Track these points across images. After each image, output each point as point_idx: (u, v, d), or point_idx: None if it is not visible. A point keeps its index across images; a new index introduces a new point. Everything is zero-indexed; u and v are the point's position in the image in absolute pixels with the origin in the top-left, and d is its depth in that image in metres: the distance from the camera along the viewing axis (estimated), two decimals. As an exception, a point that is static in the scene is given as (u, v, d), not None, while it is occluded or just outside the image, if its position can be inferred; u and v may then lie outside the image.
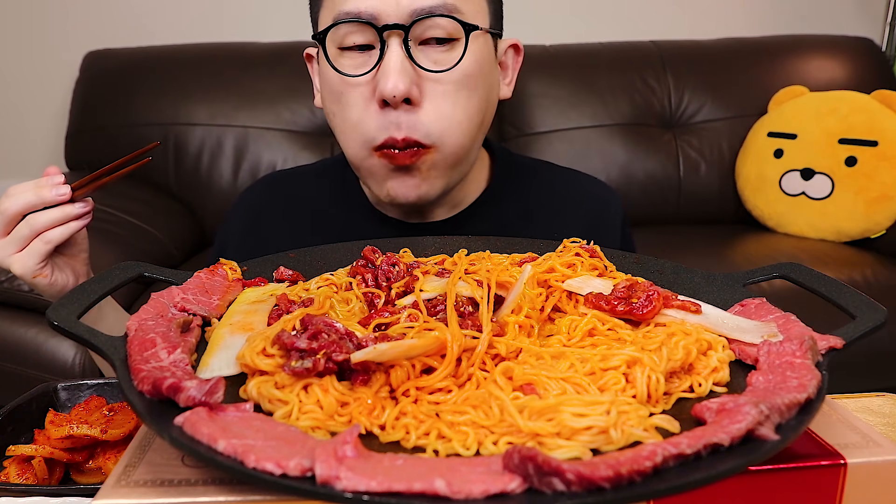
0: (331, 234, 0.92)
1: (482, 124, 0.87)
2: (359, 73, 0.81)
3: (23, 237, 0.77)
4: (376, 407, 0.49)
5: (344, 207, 0.98)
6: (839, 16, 2.66)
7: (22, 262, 0.78)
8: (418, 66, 0.80)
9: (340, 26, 0.81)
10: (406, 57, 0.79)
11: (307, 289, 0.67)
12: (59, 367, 1.60)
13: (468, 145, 0.86)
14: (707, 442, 0.42)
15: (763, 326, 0.58)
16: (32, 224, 0.77)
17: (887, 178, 2.06)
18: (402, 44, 0.79)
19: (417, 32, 0.80)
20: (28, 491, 0.61)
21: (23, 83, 2.44)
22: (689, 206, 2.31)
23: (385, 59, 0.79)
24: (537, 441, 0.45)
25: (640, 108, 2.31)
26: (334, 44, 0.83)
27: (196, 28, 2.42)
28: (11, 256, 0.78)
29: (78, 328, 0.54)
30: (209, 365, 0.54)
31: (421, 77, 0.81)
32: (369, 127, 0.82)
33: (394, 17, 0.79)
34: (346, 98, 0.83)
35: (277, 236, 0.98)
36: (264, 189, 1.04)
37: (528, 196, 1.00)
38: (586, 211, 1.00)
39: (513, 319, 0.58)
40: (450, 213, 0.96)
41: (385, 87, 0.78)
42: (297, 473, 0.40)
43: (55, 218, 0.77)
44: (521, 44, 0.93)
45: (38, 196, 0.76)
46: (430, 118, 0.81)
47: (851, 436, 0.51)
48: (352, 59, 0.82)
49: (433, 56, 0.81)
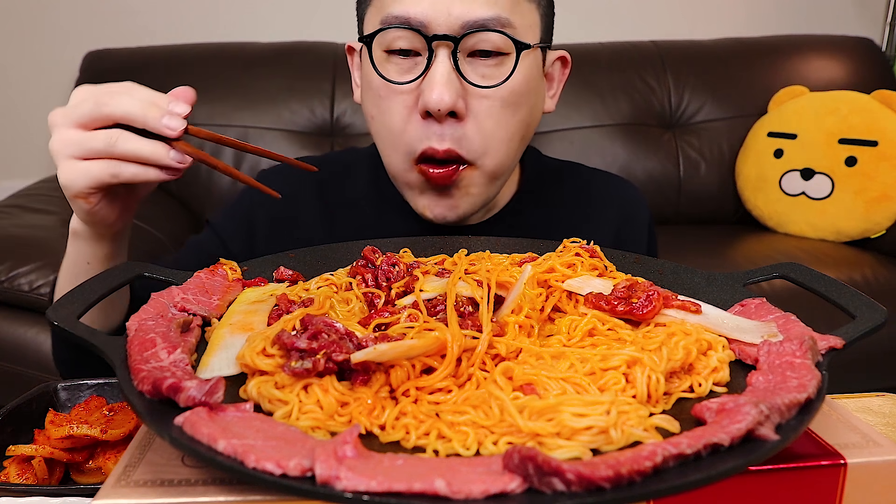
0: (363, 227, 0.91)
1: (523, 140, 0.86)
2: (404, 80, 0.79)
3: (94, 149, 0.64)
4: (376, 407, 0.49)
5: (377, 202, 0.96)
6: (839, 16, 2.66)
7: (73, 175, 0.65)
8: (465, 79, 0.78)
9: (389, 30, 0.78)
10: (453, 69, 0.77)
11: (307, 289, 0.67)
12: (59, 367, 1.60)
13: (508, 163, 0.84)
14: (707, 442, 0.42)
15: (763, 326, 0.58)
16: (115, 144, 0.63)
17: (887, 178, 2.06)
18: (451, 55, 0.77)
19: (467, 45, 0.78)
20: (28, 491, 0.61)
21: (23, 83, 2.45)
22: (689, 206, 2.31)
23: (432, 69, 0.77)
24: (537, 441, 0.45)
25: (640, 108, 2.31)
26: (380, 46, 0.80)
27: (196, 28, 2.42)
28: (68, 159, 0.64)
29: (78, 328, 0.54)
30: (209, 365, 0.54)
31: (467, 90, 0.79)
32: (411, 137, 0.80)
33: (444, 27, 0.76)
34: (387, 104, 0.81)
35: (312, 225, 0.95)
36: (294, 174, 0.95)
37: (559, 199, 0.99)
38: (616, 214, 0.99)
39: (513, 319, 0.58)
40: (482, 217, 0.94)
41: (430, 98, 0.76)
42: (297, 473, 0.40)
43: (143, 153, 0.64)
44: (569, 56, 0.91)
45: (144, 113, 0.63)
46: (473, 134, 0.79)
47: (851, 436, 0.51)
48: (397, 63, 0.80)
49: (481, 70, 0.79)
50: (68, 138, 0.64)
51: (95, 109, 0.63)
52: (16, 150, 2.50)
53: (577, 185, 1.01)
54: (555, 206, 0.98)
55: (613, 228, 0.97)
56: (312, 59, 2.25)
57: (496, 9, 0.77)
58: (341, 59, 2.25)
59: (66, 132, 0.64)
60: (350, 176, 0.99)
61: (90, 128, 0.64)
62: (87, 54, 2.27)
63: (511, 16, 0.78)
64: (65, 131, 0.64)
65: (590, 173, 1.04)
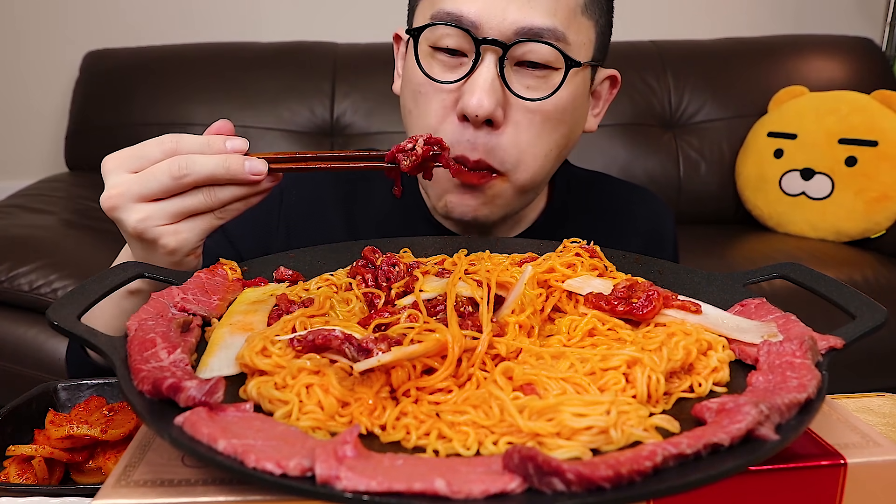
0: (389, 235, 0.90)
1: (559, 157, 0.84)
2: (446, 79, 0.77)
3: (189, 209, 0.64)
4: (377, 407, 0.49)
5: (402, 211, 0.93)
6: (839, 16, 2.66)
7: (181, 238, 0.65)
8: (509, 88, 0.75)
9: (438, 26, 0.76)
10: (498, 76, 0.75)
11: (307, 289, 0.67)
12: (59, 367, 1.60)
13: (540, 179, 0.82)
14: (707, 442, 0.42)
15: (763, 326, 0.58)
16: (211, 198, 0.63)
17: (887, 178, 2.06)
18: (498, 62, 0.74)
19: (516, 53, 0.75)
20: (28, 491, 0.61)
21: (23, 83, 2.45)
22: (689, 206, 2.31)
23: (476, 73, 0.75)
24: (537, 441, 0.45)
25: (640, 108, 2.31)
26: (427, 41, 0.78)
27: (196, 28, 2.43)
28: (163, 227, 0.64)
29: (78, 328, 0.53)
30: (209, 365, 0.54)
31: (508, 100, 0.76)
32: (444, 136, 0.77)
33: (496, 31, 0.74)
34: (426, 100, 0.79)
35: (337, 233, 0.93)
36: (319, 185, 0.97)
37: (589, 213, 0.97)
38: (644, 228, 0.98)
39: (513, 319, 0.58)
40: (510, 231, 0.93)
41: (469, 102, 0.74)
42: (297, 473, 0.40)
43: (239, 194, 0.64)
44: (619, 76, 0.89)
45: (227, 169, 0.63)
46: (508, 145, 0.77)
47: (851, 436, 0.51)
48: (442, 61, 0.78)
49: (527, 81, 0.76)
50: (152, 212, 0.63)
51: (173, 182, 0.62)
52: (16, 150, 2.50)
53: (606, 198, 1.00)
54: (584, 221, 0.96)
55: (641, 242, 0.96)
56: (312, 59, 2.25)
57: (554, 20, 0.74)
58: (341, 59, 2.25)
59: (143, 207, 0.64)
60: (375, 190, 0.96)
61: (177, 193, 0.64)
62: (87, 54, 2.28)
63: (567, 30, 0.75)
64: (141, 207, 0.64)
65: (618, 185, 1.03)
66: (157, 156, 0.64)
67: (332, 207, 0.96)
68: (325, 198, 0.96)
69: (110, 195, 0.64)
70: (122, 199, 0.64)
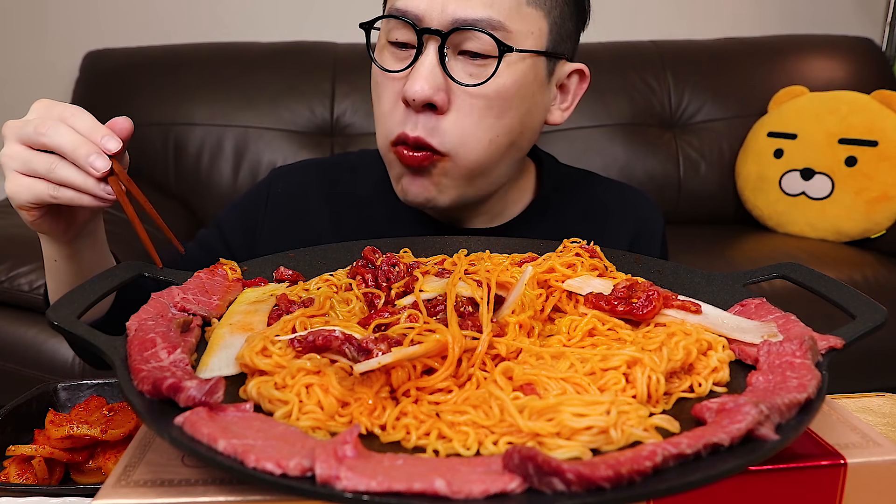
0: (373, 228, 0.92)
1: (512, 145, 0.85)
2: (394, 69, 0.82)
3: (36, 170, 0.67)
4: (377, 407, 0.49)
5: (386, 203, 0.96)
6: (839, 16, 2.66)
7: (17, 189, 0.68)
8: (449, 75, 0.79)
9: (390, 21, 0.82)
10: (439, 64, 0.79)
11: (307, 289, 0.67)
12: (59, 367, 1.60)
13: (487, 164, 0.84)
14: (707, 442, 0.42)
15: (763, 326, 0.58)
16: (54, 170, 0.66)
17: (887, 178, 2.06)
18: (438, 50, 0.79)
19: (455, 41, 0.79)
20: (28, 491, 0.61)
21: (23, 83, 2.44)
22: (689, 206, 2.31)
23: (418, 61, 0.79)
24: (537, 441, 0.45)
25: (640, 108, 2.31)
26: (384, 35, 0.84)
27: (196, 28, 2.42)
28: (13, 172, 0.68)
29: (78, 328, 0.54)
30: (208, 365, 0.54)
31: (451, 87, 0.80)
32: (391, 121, 0.83)
33: (436, 22, 0.78)
34: (381, 90, 0.84)
35: (320, 224, 0.97)
36: (306, 173, 1.02)
37: (574, 209, 0.99)
38: (631, 227, 0.99)
39: (513, 319, 0.58)
40: (491, 223, 0.95)
41: (409, 88, 0.78)
42: (297, 473, 0.40)
43: (77, 183, 0.67)
44: (587, 70, 0.91)
45: (74, 150, 0.65)
46: (450, 127, 0.80)
47: (851, 436, 0.51)
48: (394, 52, 0.83)
49: (468, 69, 0.80)
50: (15, 153, 0.67)
51: (34, 136, 0.66)
52: (16, 150, 2.50)
53: (593, 196, 1.01)
54: (569, 217, 0.98)
55: (628, 241, 0.97)
56: (312, 59, 2.25)
57: (490, 11, 0.78)
58: (341, 59, 2.25)
59: (13, 146, 0.68)
60: (360, 177, 1.00)
61: (34, 148, 0.67)
62: (87, 54, 2.27)
63: (507, 20, 0.78)
64: (13, 145, 0.68)
65: (606, 184, 1.04)
66: (54, 115, 0.67)
67: (316, 195, 0.99)
68: (310, 187, 1.00)
69: (9, 123, 0.69)
70: (8, 129, 0.68)
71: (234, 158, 2.17)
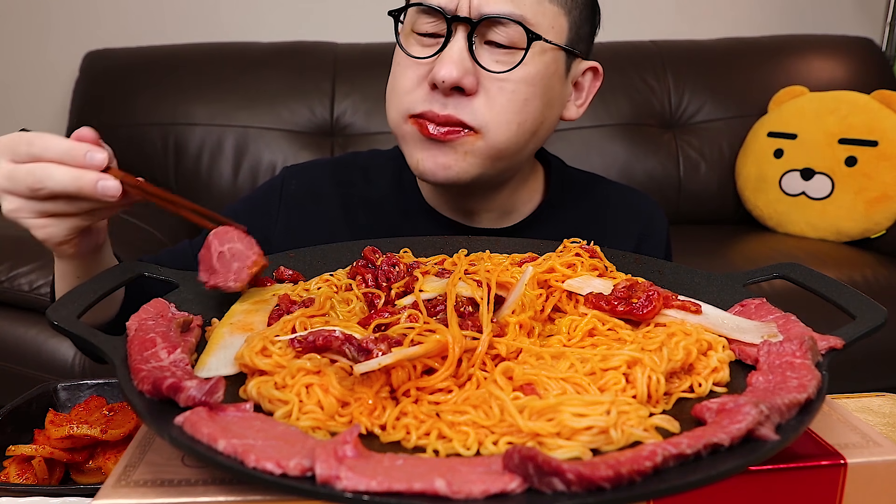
0: (387, 227, 0.93)
1: (535, 134, 0.87)
2: (422, 55, 0.83)
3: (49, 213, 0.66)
4: (377, 407, 0.49)
5: (399, 203, 0.98)
6: (839, 16, 2.66)
7: (48, 231, 0.67)
8: (477, 62, 0.81)
9: (418, 12, 0.83)
10: (467, 49, 0.81)
11: (307, 289, 0.67)
12: (59, 367, 1.60)
13: (514, 145, 0.85)
14: (707, 442, 0.42)
15: (763, 326, 0.58)
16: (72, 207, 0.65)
17: (887, 178, 2.06)
18: (467, 38, 0.81)
19: (482, 31, 0.81)
20: (28, 491, 0.61)
21: (23, 83, 2.44)
22: (689, 206, 2.31)
23: (448, 47, 0.81)
24: (537, 441, 0.45)
25: (640, 108, 2.31)
26: (409, 25, 0.85)
27: (196, 28, 2.42)
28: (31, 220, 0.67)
29: (78, 328, 0.54)
30: (207, 364, 0.54)
31: (479, 73, 0.82)
32: (414, 98, 0.83)
33: (464, 12, 0.80)
34: (402, 69, 0.85)
35: (334, 223, 0.97)
36: (318, 172, 1.02)
37: (582, 212, 1.00)
38: (636, 229, 1.01)
39: (513, 320, 0.58)
40: (501, 222, 0.96)
41: (439, 71, 0.80)
42: (297, 473, 0.40)
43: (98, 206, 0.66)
44: (601, 68, 0.93)
45: (79, 190, 0.63)
46: (481, 106, 0.82)
47: (851, 436, 0.51)
48: (420, 41, 0.84)
49: (496, 56, 0.82)
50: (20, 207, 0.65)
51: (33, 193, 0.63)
52: (16, 150, 2.50)
53: (599, 199, 1.02)
54: (576, 220, 0.99)
55: (633, 243, 0.99)
56: (312, 59, 2.24)
57: (513, 6, 0.80)
58: (341, 59, 2.25)
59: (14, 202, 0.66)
60: (372, 176, 1.01)
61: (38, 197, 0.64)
62: (87, 54, 2.27)
63: (531, 15, 0.81)
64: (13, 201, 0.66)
65: (612, 186, 1.05)
66: (23, 156, 0.64)
67: (329, 194, 0.99)
68: (324, 184, 1.00)
69: None
70: None
71: (234, 158, 2.17)
